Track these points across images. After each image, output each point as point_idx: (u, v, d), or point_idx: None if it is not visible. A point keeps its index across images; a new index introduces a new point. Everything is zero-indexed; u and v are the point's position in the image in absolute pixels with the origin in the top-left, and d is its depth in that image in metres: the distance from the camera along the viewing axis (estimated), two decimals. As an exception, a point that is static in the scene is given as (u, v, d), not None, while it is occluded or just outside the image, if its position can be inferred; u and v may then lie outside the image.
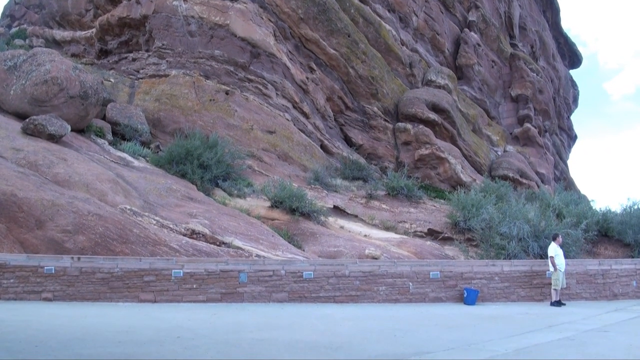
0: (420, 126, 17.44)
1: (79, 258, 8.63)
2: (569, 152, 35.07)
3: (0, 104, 13.70)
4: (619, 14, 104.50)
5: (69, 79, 13.79)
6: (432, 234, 13.32)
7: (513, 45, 27.38)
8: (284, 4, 16.04)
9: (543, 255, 11.38)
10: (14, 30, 24.84)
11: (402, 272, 9.74)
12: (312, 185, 14.35)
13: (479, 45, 23.02)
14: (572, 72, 39.21)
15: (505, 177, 19.06)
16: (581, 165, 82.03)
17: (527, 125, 23.88)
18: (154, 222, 10.21)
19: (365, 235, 12.42)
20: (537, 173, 22.24)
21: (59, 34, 21.48)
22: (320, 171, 14.86)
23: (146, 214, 10.45)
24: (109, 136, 14.60)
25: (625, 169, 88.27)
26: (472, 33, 22.86)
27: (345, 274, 9.46)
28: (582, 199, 18.16)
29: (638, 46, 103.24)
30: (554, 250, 10.08)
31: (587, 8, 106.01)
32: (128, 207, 10.43)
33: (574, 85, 38.10)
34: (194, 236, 10.17)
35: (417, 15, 20.48)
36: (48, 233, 9.25)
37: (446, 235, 13.26)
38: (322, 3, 16.32)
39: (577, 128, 41.86)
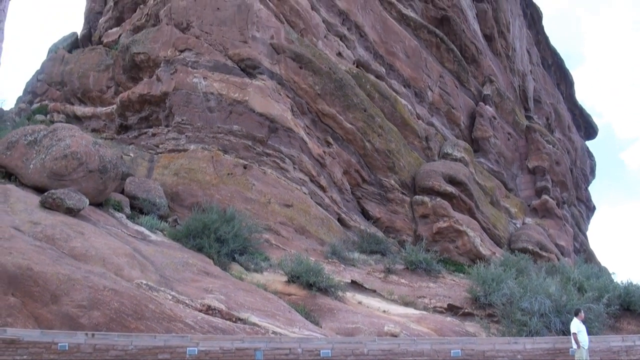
0: (438, 199, 17.38)
1: (93, 335, 8.48)
2: (588, 223, 34.69)
3: (19, 177, 13.85)
4: (633, 85, 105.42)
5: (88, 154, 13.95)
6: (452, 309, 13.03)
7: (528, 118, 27.57)
8: (301, 81, 16.34)
9: (565, 331, 11.04)
10: (35, 106, 25.45)
11: (423, 351, 9.46)
12: (330, 259, 14.21)
13: (494, 118, 23.19)
14: (588, 143, 39.28)
15: (524, 250, 18.79)
16: (601, 236, 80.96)
17: (545, 197, 23.73)
18: (170, 297, 10.09)
19: (384, 311, 12.18)
20: (557, 245, 21.93)
21: (80, 109, 21.96)
22: (337, 245, 14.74)
23: (162, 289, 10.34)
24: (127, 210, 14.65)
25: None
26: (487, 106, 23.08)
27: (364, 352, 9.21)
28: (602, 271, 17.80)
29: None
30: (577, 326, 9.76)
31: (601, 80, 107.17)
32: (144, 282, 10.34)
33: (590, 156, 38.09)
34: (210, 312, 10.02)
35: (432, 90, 20.78)
36: (63, 308, 9.14)
37: (466, 310, 12.97)
38: (339, 79, 16.62)
39: (595, 199, 41.55)
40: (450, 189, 17.65)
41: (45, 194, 12.65)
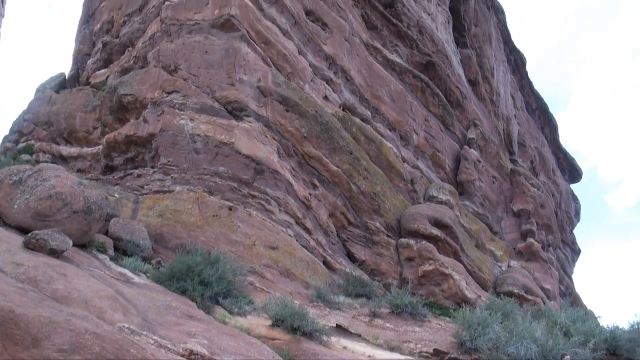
0: (423, 242, 17.39)
1: (72, 381, 8.29)
2: (574, 266, 34.78)
3: (3, 217, 13.70)
4: (618, 129, 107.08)
5: (73, 194, 13.85)
6: (438, 354, 12.91)
7: (513, 161, 27.85)
8: (288, 124, 16.45)
9: (553, 377, 10.96)
10: (21, 145, 25.34)
11: (408, 397, 9.35)
12: (315, 303, 14.09)
13: (479, 161, 23.40)
14: (573, 186, 39.64)
15: (510, 294, 18.75)
16: (586, 279, 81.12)
17: (530, 240, 23.82)
18: (152, 341, 9.91)
19: (369, 356, 12.05)
20: (542, 289, 21.92)
21: (66, 150, 21.89)
22: (322, 288, 14.63)
23: (144, 332, 10.16)
24: (111, 251, 14.50)
25: (630, 281, 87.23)
26: (472, 150, 23.31)
27: (348, 398, 9.08)
28: (589, 315, 17.75)
29: (637, 159, 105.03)
30: (564, 372, 9.72)
31: (585, 124, 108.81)
32: (126, 325, 10.16)
33: (575, 199, 38.40)
34: (192, 357, 9.85)
35: (417, 134, 20.99)
36: (44, 352, 8.94)
37: (452, 356, 12.85)
38: (325, 122, 16.76)
39: (581, 241, 41.70)
40: (435, 231, 17.67)
41: (29, 234, 12.50)
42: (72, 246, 13.04)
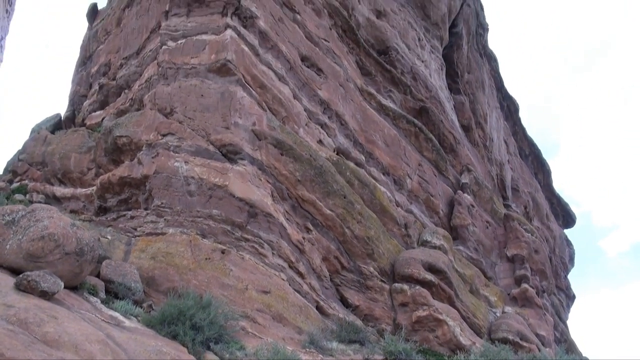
0: (417, 287, 17.29)
1: None
2: (568, 312, 34.55)
3: (-5, 258, 13.58)
4: (611, 173, 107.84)
5: (65, 236, 13.74)
6: (431, 402, 12.73)
7: (506, 206, 27.90)
8: (282, 167, 16.50)
9: None
10: (15, 185, 25.29)
11: None
12: (307, 349, 13.90)
13: (472, 206, 23.45)
14: (567, 231, 39.66)
15: (505, 340, 18.58)
16: (581, 325, 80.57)
17: (525, 285, 23.69)
18: (141, 388, 9.76)
19: (361, 404, 11.86)
20: (537, 335, 21.72)
21: (60, 190, 21.86)
22: (315, 334, 14.46)
23: (133, 378, 10.01)
24: (102, 294, 14.34)
25: (625, 326, 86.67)
26: (466, 195, 23.38)
27: None
28: (584, 363, 17.61)
29: (630, 203, 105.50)
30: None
31: (579, 169, 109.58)
32: (115, 371, 10.01)
33: (569, 244, 38.38)
34: (182, 404, 9.69)
35: (411, 178, 21.07)
36: (30, 398, 8.78)
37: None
38: (319, 166, 16.82)
39: (575, 287, 41.53)
40: (429, 277, 17.59)
41: (20, 276, 12.37)
42: (64, 288, 12.90)
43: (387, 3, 23.54)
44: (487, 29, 32.86)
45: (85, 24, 26.42)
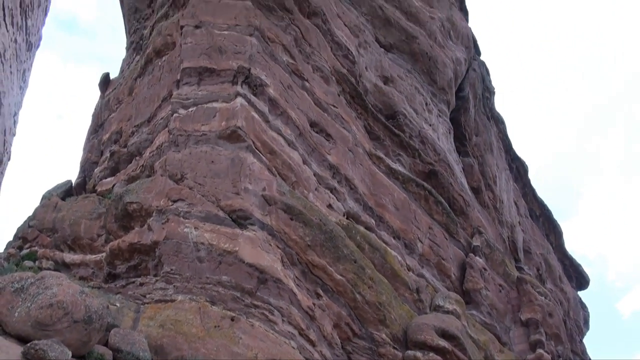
0: (431, 354, 16.92)
1: None
2: (586, 378, 33.64)
3: (4, 326, 13.44)
4: (625, 233, 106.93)
5: (74, 303, 13.65)
6: None
7: (519, 269, 27.59)
8: (292, 232, 16.47)
9: None
10: (25, 252, 25.29)
11: None
12: (319, 420, 13.56)
13: (485, 269, 23.19)
14: (581, 293, 39.05)
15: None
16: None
17: (540, 351, 23.20)
18: None
19: None
20: (555, 403, 21.12)
21: (69, 257, 21.84)
22: (327, 404, 14.13)
23: None
24: (109, 364, 14.12)
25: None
26: (477, 258, 23.16)
27: None
28: None
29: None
30: None
31: (592, 229, 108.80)
32: None
33: (583, 307, 37.71)
34: None
35: (422, 242, 20.94)
36: None
37: None
38: (329, 231, 16.77)
39: (592, 351, 40.59)
40: (443, 343, 17.24)
41: (28, 345, 12.24)
42: (71, 357, 12.73)
43: (393, 69, 23.96)
44: (494, 92, 33.28)
45: (97, 93, 26.94)
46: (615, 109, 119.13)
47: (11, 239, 27.94)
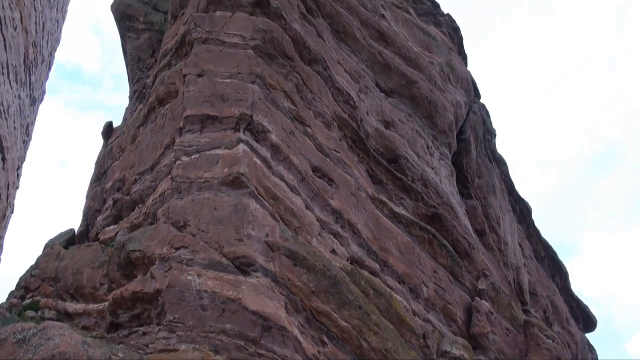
0: (438, 401, 16.64)
1: None
2: (597, 423, 32.94)
3: (4, 378, 13.37)
4: (632, 274, 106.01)
5: (77, 354, 13.60)
6: None
7: (525, 311, 27.25)
8: (295, 278, 16.37)
9: None
10: (27, 302, 25.10)
11: None
12: None
13: (491, 313, 22.93)
14: (589, 335, 38.51)
15: None
16: None
17: (550, 396, 22.76)
18: None
19: None
20: None
21: (71, 306, 21.68)
22: None
23: None
24: (111, 416, 13.89)
25: None
26: (484, 301, 22.92)
27: None
28: None
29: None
30: None
31: (599, 270, 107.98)
32: None
33: (591, 349, 37.12)
34: None
35: (427, 286, 20.76)
36: None
37: None
38: (333, 276, 16.67)
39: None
40: (450, 390, 16.96)
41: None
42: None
43: (394, 113, 24.15)
44: (495, 134, 33.44)
45: (100, 142, 27.14)
46: (619, 146, 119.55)
47: (13, 289, 27.80)
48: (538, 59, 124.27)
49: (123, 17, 27.88)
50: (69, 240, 26.55)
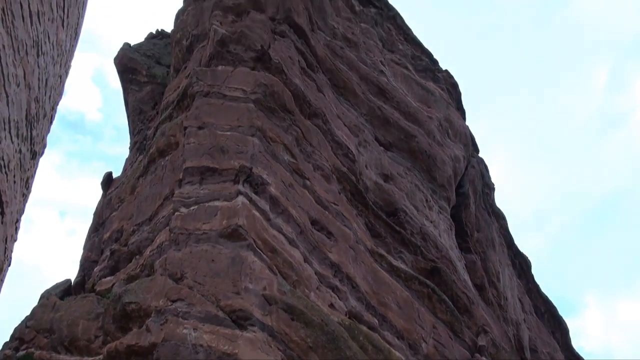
0: None
1: None
2: None
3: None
4: (633, 329, 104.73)
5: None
6: None
7: (526, 369, 26.84)
8: (293, 333, 16.16)
9: None
10: (21, 353, 24.69)
11: None
12: None
13: (491, 369, 22.57)
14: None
15: None
16: None
17: None
18: None
19: None
20: None
21: (66, 359, 21.35)
22: None
23: None
24: None
25: None
26: (484, 358, 22.57)
27: None
28: None
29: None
30: None
31: (598, 322, 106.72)
32: None
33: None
34: None
35: (426, 342, 20.47)
36: None
37: None
38: (331, 332, 16.45)
39: None
40: None
41: None
42: None
43: (393, 167, 24.28)
44: (494, 188, 33.55)
45: (100, 192, 27.19)
46: (619, 200, 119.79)
47: (8, 340, 27.37)
48: (536, 112, 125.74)
49: (126, 69, 28.33)
50: (65, 291, 26.27)
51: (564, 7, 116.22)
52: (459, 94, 32.61)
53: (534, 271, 35.71)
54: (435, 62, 31.47)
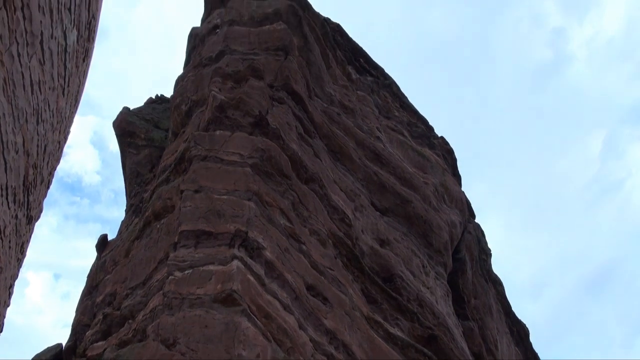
0: None
1: None
2: None
3: None
4: None
5: None
6: None
7: None
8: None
9: None
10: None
11: None
12: None
13: None
14: None
15: None
16: None
17: None
18: None
19: None
20: None
21: None
22: None
23: None
24: None
25: None
26: None
27: None
28: None
29: None
30: None
31: None
32: None
33: None
34: None
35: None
36: None
37: None
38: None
39: None
40: None
41: None
42: None
43: (389, 232, 24.25)
44: (490, 254, 33.44)
45: (94, 254, 27.03)
46: (617, 267, 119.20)
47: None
48: (532, 179, 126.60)
49: (124, 133, 28.62)
50: (56, 355, 25.72)
51: (559, 75, 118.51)
52: (454, 160, 32.89)
53: (532, 339, 35.24)
54: (431, 129, 31.89)
